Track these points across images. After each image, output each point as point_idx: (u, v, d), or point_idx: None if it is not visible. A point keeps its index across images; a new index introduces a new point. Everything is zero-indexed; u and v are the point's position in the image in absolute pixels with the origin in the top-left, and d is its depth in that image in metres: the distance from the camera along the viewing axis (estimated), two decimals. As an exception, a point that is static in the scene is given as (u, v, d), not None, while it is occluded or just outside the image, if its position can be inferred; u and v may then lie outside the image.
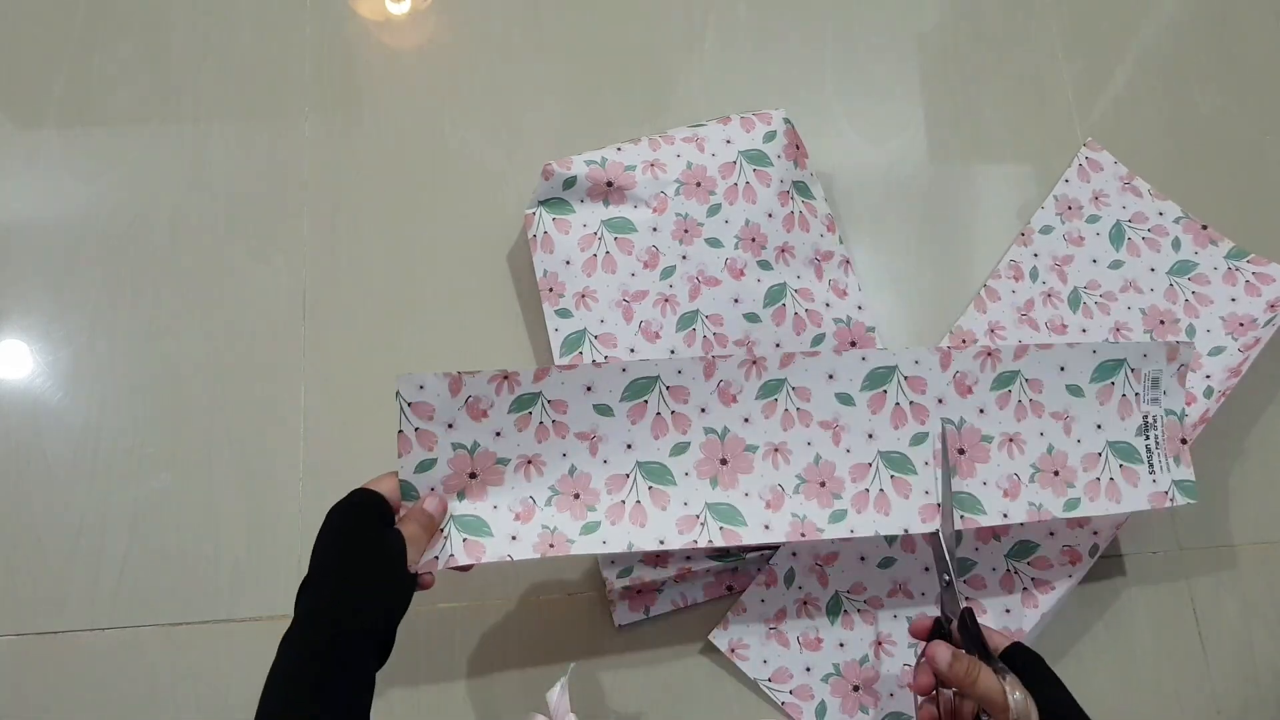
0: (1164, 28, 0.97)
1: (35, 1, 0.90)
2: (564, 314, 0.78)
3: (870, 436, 0.69)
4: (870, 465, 0.68)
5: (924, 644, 0.62)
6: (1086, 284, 0.85)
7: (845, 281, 0.83)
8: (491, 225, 0.85)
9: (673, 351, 0.77)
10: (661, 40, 0.93)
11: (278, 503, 0.76)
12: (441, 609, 0.74)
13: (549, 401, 0.65)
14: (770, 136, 0.81)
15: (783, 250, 0.81)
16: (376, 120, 0.88)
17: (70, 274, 0.82)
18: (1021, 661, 0.59)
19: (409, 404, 0.63)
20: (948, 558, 0.65)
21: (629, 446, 0.67)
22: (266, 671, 0.52)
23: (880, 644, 0.74)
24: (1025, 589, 0.75)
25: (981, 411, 0.70)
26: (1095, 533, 0.76)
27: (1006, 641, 0.61)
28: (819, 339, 0.80)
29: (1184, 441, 0.72)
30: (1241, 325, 0.83)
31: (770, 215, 0.80)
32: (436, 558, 0.61)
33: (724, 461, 0.68)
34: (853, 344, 0.81)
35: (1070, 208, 0.88)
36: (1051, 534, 0.76)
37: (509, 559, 0.63)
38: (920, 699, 0.62)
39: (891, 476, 0.68)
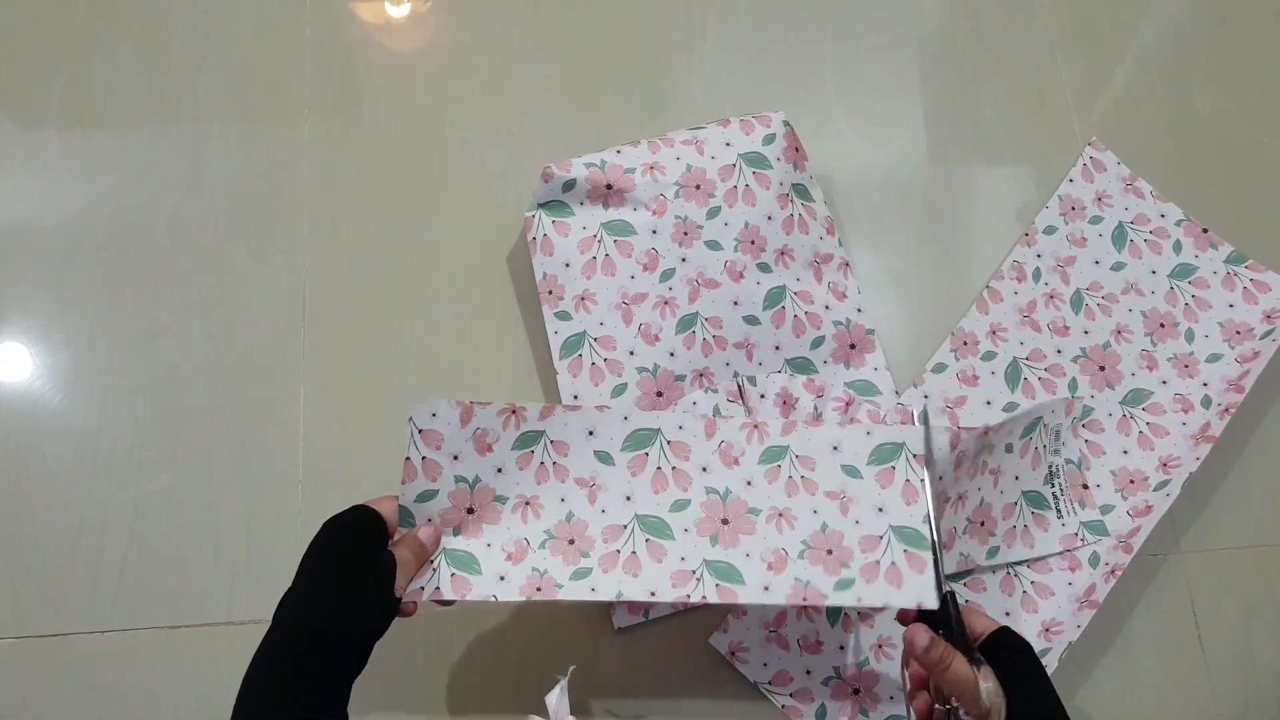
0: (1164, 28, 0.97)
1: (35, 1, 0.90)
2: (563, 316, 0.78)
3: (880, 510, 0.65)
4: (881, 539, 0.65)
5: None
6: (1089, 285, 0.85)
7: (845, 284, 0.83)
8: (491, 226, 0.85)
9: (672, 354, 0.77)
10: (661, 40, 0.93)
11: (277, 504, 0.77)
12: (440, 611, 0.74)
13: (551, 442, 0.65)
14: (770, 139, 0.81)
15: (782, 253, 0.81)
16: (376, 121, 0.88)
17: (70, 274, 0.82)
18: (1006, 650, 0.57)
19: (419, 430, 0.62)
20: (935, 536, 0.63)
21: (628, 498, 0.66)
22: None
23: (881, 647, 0.74)
24: (1025, 592, 0.75)
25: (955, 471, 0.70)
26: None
27: (993, 626, 0.59)
28: (818, 341, 0.80)
29: (1085, 486, 0.77)
30: (1239, 333, 0.83)
31: (770, 218, 0.80)
32: (423, 588, 0.61)
33: (725, 521, 0.65)
34: (852, 346, 0.81)
35: (1074, 208, 0.88)
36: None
37: (494, 599, 0.62)
38: (910, 686, 0.61)
39: (905, 551, 0.64)
